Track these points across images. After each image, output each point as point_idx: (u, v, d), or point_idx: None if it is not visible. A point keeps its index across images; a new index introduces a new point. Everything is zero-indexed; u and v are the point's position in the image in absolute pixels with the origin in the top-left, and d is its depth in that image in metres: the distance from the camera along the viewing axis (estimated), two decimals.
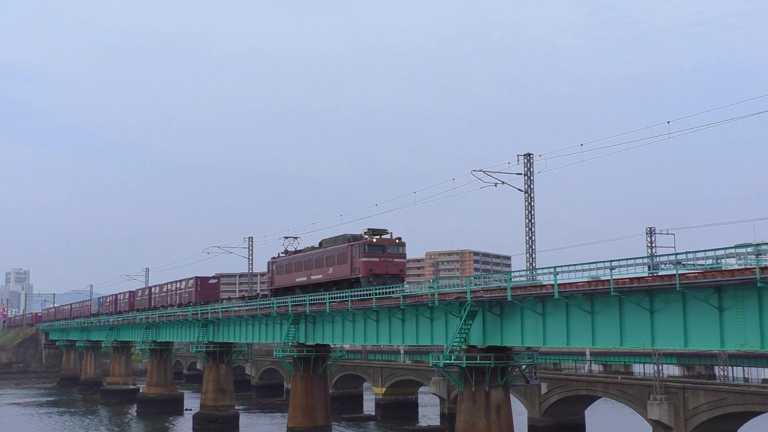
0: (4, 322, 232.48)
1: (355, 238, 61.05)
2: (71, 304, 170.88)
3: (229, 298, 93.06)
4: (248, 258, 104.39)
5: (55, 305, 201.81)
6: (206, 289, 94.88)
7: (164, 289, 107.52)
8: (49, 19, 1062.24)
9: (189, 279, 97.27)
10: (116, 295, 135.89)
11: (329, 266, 62.67)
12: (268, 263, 75.94)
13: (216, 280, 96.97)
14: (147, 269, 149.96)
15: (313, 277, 65.73)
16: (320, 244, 67.06)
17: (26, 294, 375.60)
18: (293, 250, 73.99)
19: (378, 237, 60.10)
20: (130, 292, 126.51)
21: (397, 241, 60.15)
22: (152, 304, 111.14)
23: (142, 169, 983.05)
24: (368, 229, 60.94)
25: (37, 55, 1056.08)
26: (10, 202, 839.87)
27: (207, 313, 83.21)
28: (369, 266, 58.19)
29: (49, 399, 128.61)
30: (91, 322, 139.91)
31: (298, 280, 68.58)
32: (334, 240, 64.86)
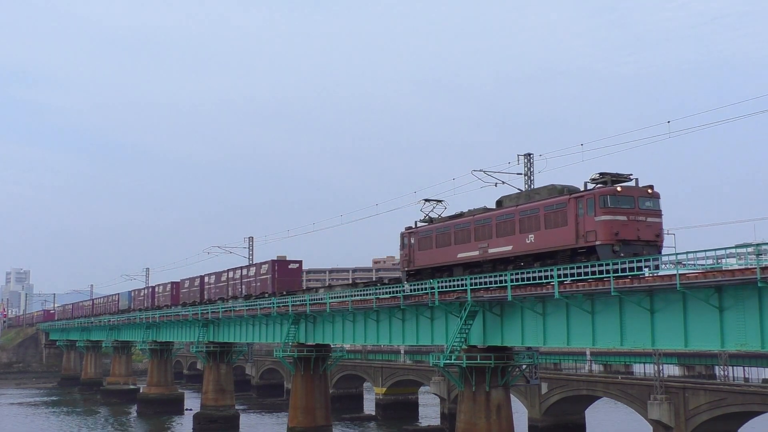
0: (4, 321, 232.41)
1: (571, 190, 42.93)
2: (93, 300, 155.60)
3: (316, 289, 68.57)
4: (248, 258, 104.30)
5: (72, 302, 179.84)
6: (286, 275, 75.57)
7: (223, 278, 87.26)
8: (48, 19, 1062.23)
9: (263, 264, 77.63)
10: (153, 287, 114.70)
11: (528, 232, 43.46)
12: (403, 235, 54.28)
13: (297, 265, 76.55)
14: (147, 269, 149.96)
15: (493, 250, 46.03)
16: (500, 203, 47.79)
17: (26, 294, 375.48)
18: (438, 216, 54.41)
19: (621, 185, 40.78)
20: (173, 283, 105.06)
21: (649, 191, 40.72)
22: (206, 298, 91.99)
23: (142, 169, 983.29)
24: (600, 174, 41.68)
25: (37, 55, 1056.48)
26: (10, 202, 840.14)
27: (207, 312, 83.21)
28: (612, 228, 39.16)
29: (50, 399, 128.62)
30: (92, 322, 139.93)
31: (461, 255, 48.45)
32: (530, 194, 46.09)
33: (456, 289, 46.44)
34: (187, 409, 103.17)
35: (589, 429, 73.61)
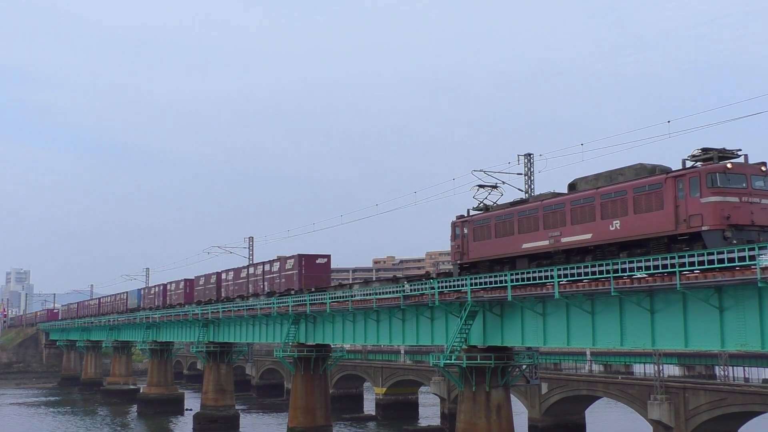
0: (4, 321, 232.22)
1: (663, 169, 37.85)
2: (99, 299, 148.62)
3: (350, 285, 63.65)
4: (249, 258, 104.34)
5: (78, 301, 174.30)
6: (314, 270, 69.93)
7: (242, 275, 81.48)
8: (49, 19, 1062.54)
9: (288, 258, 71.51)
10: (164, 285, 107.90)
11: (612, 217, 38.22)
12: (454, 225, 49.21)
13: (326, 260, 70.68)
14: (147, 269, 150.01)
15: (567, 239, 40.85)
16: (573, 186, 42.82)
17: (26, 294, 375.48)
18: (493, 204, 49.81)
19: (731, 161, 35.35)
20: (186, 280, 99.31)
21: (762, 168, 35.29)
22: (223, 295, 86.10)
23: (142, 169, 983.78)
24: (702, 149, 36.28)
25: (38, 55, 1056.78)
26: (10, 202, 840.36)
27: (207, 312, 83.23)
28: (723, 211, 33.90)
29: (50, 399, 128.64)
30: (92, 322, 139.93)
31: (527, 245, 43.35)
32: (611, 176, 40.07)
33: (456, 289, 46.47)
34: (187, 409, 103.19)
35: (589, 429, 73.60)
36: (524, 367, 49.05)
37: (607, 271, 36.64)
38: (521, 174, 54.68)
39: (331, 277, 71.55)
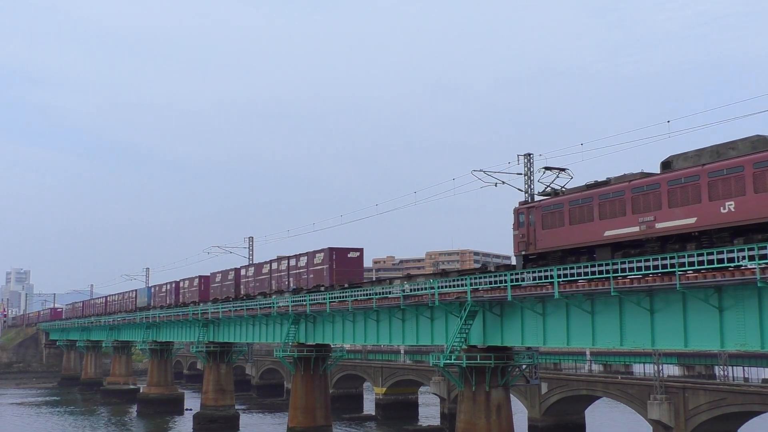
0: (5, 321, 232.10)
1: None
2: (106, 297, 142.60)
3: (390, 280, 57.08)
4: (249, 258, 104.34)
5: (84, 299, 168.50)
6: (346, 264, 64.92)
7: (264, 271, 75.90)
8: (49, 19, 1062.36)
9: (317, 252, 66.02)
10: (177, 282, 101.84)
11: (724, 198, 33.10)
12: (518, 212, 44.22)
13: (358, 253, 65.46)
14: (147, 269, 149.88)
15: (664, 224, 35.64)
16: (667, 164, 37.77)
17: (26, 294, 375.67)
18: (560, 189, 45.38)
19: None
20: (201, 277, 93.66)
21: None
22: (243, 293, 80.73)
23: (142, 169, 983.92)
24: None
25: (38, 55, 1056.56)
26: (10, 202, 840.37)
27: (207, 312, 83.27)
28: None
29: (50, 399, 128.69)
30: (92, 322, 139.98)
31: (611, 233, 38.35)
32: (718, 150, 35.24)
33: (456, 289, 46.49)
34: (187, 409, 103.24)
35: (589, 429, 73.65)
36: (524, 367, 49.08)
37: (606, 271, 36.71)
38: (521, 174, 54.65)
39: (363, 271, 66.17)
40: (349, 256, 64.98)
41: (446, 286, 47.01)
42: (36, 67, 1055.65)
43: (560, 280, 39.33)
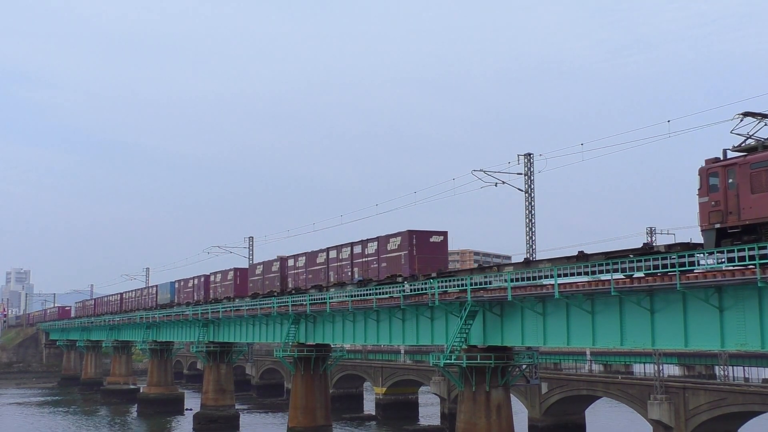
0: (5, 321, 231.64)
1: None
2: (121, 294, 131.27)
3: (498, 266, 47.44)
4: (249, 258, 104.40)
5: (94, 297, 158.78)
6: (428, 250, 54.53)
7: (320, 260, 65.57)
8: (47, 18, 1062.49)
9: (392, 237, 55.96)
10: (206, 276, 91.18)
11: None
12: (707, 172, 34.09)
13: (442, 238, 55.53)
14: (147, 269, 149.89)
15: None
16: None
17: (26, 294, 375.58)
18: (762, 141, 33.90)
19: None
20: (237, 270, 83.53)
21: None
22: (292, 286, 70.15)
23: (142, 169, 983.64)
24: None
25: (37, 54, 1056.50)
26: (10, 202, 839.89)
27: (207, 312, 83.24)
28: None
29: (50, 399, 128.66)
30: (92, 322, 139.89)
31: None
32: None
33: (456, 289, 46.48)
34: (187, 409, 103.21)
35: (589, 429, 73.60)
36: (524, 366, 49.06)
37: (607, 271, 36.69)
38: (521, 174, 54.68)
39: (447, 257, 56.85)
40: (431, 240, 55.22)
41: (446, 286, 47.00)
42: (36, 67, 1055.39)
43: (560, 280, 39.34)
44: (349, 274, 61.24)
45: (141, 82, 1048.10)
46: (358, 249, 60.64)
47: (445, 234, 55.62)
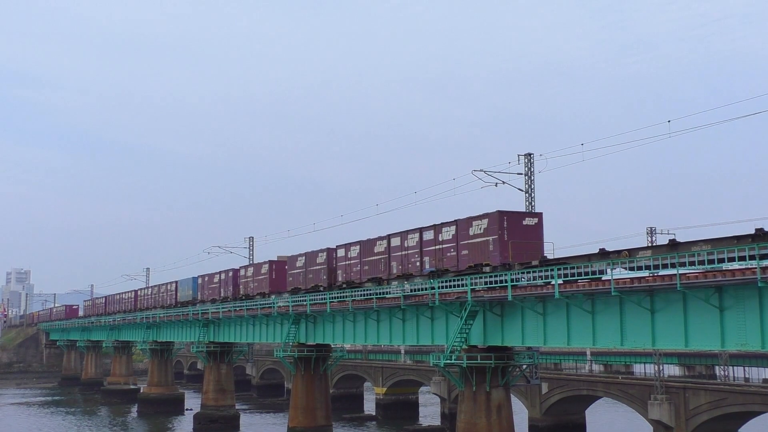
0: (5, 321, 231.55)
1: None
2: (136, 291, 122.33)
3: (630, 252, 38.11)
4: (249, 258, 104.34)
5: (106, 294, 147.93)
6: (521, 234, 46.17)
7: (379, 249, 57.23)
8: (48, 18, 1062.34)
9: (475, 219, 47.48)
10: (235, 270, 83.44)
11: None
12: None
13: (536, 220, 47.37)
14: (148, 269, 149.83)
15: None
16: None
17: (27, 294, 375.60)
18: None
19: None
20: (272, 263, 74.88)
21: None
22: (342, 279, 61.47)
23: (142, 169, 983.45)
24: None
25: (37, 55, 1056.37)
26: (10, 201, 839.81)
27: (207, 312, 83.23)
28: None
29: (50, 399, 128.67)
30: (92, 322, 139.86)
31: None
32: None
33: (456, 289, 46.45)
34: (187, 409, 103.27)
35: (590, 429, 73.60)
36: (524, 367, 49.03)
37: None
38: (521, 174, 54.62)
39: (543, 243, 47.34)
40: (524, 222, 47.10)
41: (446, 287, 46.97)
42: (36, 67, 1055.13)
43: (560, 280, 39.33)
44: (418, 264, 53.04)
45: (141, 83, 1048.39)
46: (429, 235, 52.43)
47: (539, 216, 48.15)
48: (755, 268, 30.53)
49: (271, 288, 74.02)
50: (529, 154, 54.54)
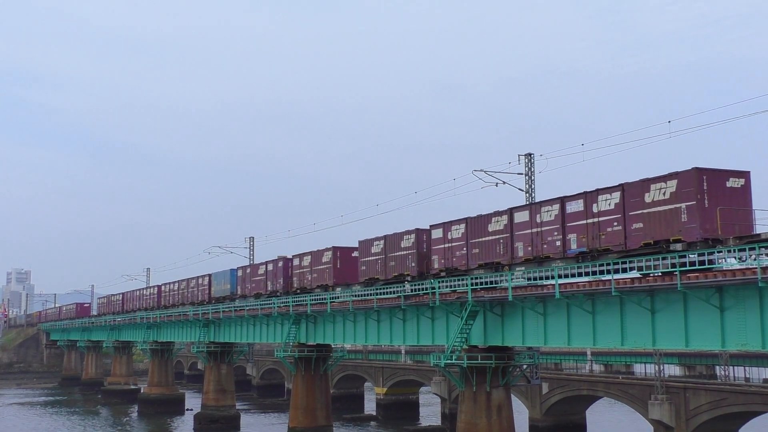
0: (5, 321, 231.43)
1: None
2: (159, 287, 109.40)
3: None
4: (249, 258, 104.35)
5: (123, 291, 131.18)
6: (725, 200, 34.94)
7: (493, 228, 46.01)
8: (49, 20, 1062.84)
9: (653, 181, 36.54)
10: (286, 260, 71.60)
11: None
12: None
13: (743, 181, 35.73)
14: (148, 269, 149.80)
15: None
16: None
17: (27, 294, 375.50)
18: None
19: None
20: (336, 249, 63.74)
21: None
22: (439, 267, 50.05)
23: (143, 169, 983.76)
24: None
25: (38, 55, 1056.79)
26: (10, 202, 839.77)
27: (208, 312, 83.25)
28: None
29: (51, 399, 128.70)
30: (92, 322, 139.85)
31: None
32: None
33: (457, 289, 46.47)
34: (187, 410, 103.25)
35: (590, 429, 73.58)
36: (525, 367, 49.05)
37: (608, 271, 36.68)
38: (522, 174, 54.64)
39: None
40: (728, 184, 35.56)
41: (447, 287, 46.98)
42: (36, 67, 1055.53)
43: (561, 281, 39.32)
44: (558, 243, 41.96)
45: (142, 84, 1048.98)
46: (575, 205, 41.11)
47: (747, 175, 36.22)
48: (755, 268, 30.54)
49: (336, 279, 63.15)
50: (530, 154, 54.57)
